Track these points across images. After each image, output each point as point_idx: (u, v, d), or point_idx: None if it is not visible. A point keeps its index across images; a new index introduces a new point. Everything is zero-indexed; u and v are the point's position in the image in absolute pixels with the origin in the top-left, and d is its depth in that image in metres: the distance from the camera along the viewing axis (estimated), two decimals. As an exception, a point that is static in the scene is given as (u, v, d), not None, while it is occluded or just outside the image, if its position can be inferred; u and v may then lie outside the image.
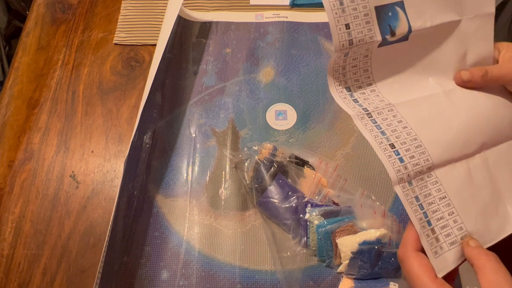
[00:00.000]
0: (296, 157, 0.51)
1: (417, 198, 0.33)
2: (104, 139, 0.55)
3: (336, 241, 0.45)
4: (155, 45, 0.57)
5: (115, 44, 0.62)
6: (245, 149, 0.52)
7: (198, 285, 0.46)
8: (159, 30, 0.57)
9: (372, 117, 0.35)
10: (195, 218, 0.49)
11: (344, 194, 0.49)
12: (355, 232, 0.45)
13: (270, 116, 0.56)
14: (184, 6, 0.64)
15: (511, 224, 0.34)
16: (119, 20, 0.64)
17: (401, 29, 0.36)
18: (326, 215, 0.46)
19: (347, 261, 0.44)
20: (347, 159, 0.53)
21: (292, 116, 0.56)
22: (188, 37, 0.62)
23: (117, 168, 0.53)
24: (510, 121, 0.37)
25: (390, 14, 0.35)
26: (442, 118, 0.36)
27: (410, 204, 0.32)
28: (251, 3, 0.66)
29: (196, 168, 0.52)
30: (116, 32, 0.63)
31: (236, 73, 0.59)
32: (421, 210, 0.32)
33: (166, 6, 0.58)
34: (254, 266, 0.47)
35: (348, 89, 0.36)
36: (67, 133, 0.55)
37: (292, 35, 0.62)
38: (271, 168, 0.49)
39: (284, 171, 0.50)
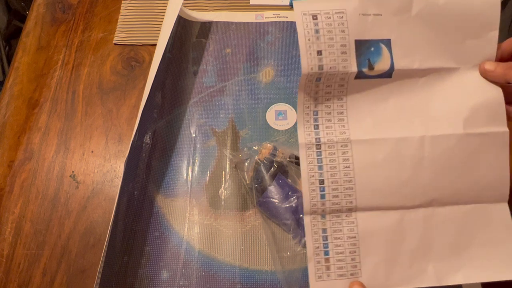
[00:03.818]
0: (296, 157, 0.51)
1: (324, 230, 0.34)
2: (104, 139, 0.55)
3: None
4: (155, 45, 0.57)
5: (115, 44, 0.62)
6: (245, 149, 0.52)
7: (198, 285, 0.46)
8: (159, 30, 0.57)
9: (320, 149, 0.35)
10: (195, 218, 0.49)
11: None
12: None
13: (270, 116, 0.56)
14: (184, 6, 0.64)
15: (422, 280, 0.34)
16: (119, 20, 0.64)
17: (381, 65, 0.34)
18: (326, 215, 0.46)
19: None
20: (347, 159, 0.53)
21: (292, 116, 0.56)
22: (188, 37, 0.62)
23: (117, 168, 0.53)
24: (478, 187, 0.35)
25: (372, 49, 0.34)
26: (395, 167, 0.35)
27: (313, 233, 0.34)
28: (251, 3, 0.66)
29: (196, 168, 0.52)
30: (116, 32, 0.63)
31: (236, 73, 0.59)
32: (324, 241, 0.34)
33: (166, 6, 0.58)
34: (254, 266, 0.47)
35: (316, 113, 0.35)
36: (67, 133, 0.55)
37: (292, 35, 0.62)
38: (271, 168, 0.49)
39: (284, 171, 0.50)
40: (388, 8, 0.34)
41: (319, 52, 0.33)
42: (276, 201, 0.48)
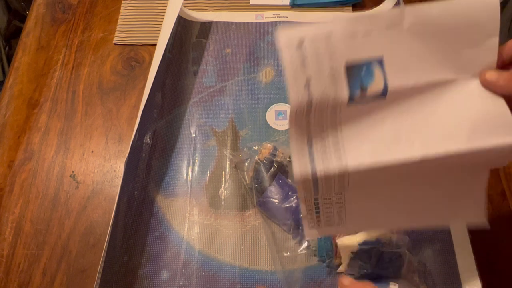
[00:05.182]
0: (296, 157, 0.51)
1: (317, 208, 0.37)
2: (104, 139, 0.55)
3: (336, 241, 0.45)
4: (155, 45, 0.57)
5: (115, 44, 0.62)
6: (245, 149, 0.52)
7: (198, 285, 0.46)
8: (159, 30, 0.56)
9: (316, 183, 0.34)
10: (195, 218, 0.49)
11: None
12: (355, 232, 0.45)
13: (270, 116, 0.56)
14: (184, 6, 0.64)
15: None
16: (119, 20, 0.64)
17: (374, 87, 0.32)
18: (326, 215, 0.46)
19: (347, 261, 0.44)
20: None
21: (292, 116, 0.56)
22: (188, 37, 0.62)
23: (117, 168, 0.53)
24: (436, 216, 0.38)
25: (363, 71, 0.31)
26: (384, 194, 0.36)
27: (308, 210, 0.37)
28: (251, 3, 0.66)
29: (196, 168, 0.52)
30: (116, 32, 0.63)
31: (236, 73, 0.59)
32: (316, 209, 0.37)
33: (166, 6, 0.58)
34: (254, 266, 0.47)
35: (310, 143, 0.33)
36: (67, 133, 0.55)
37: (292, 35, 0.62)
38: (271, 168, 0.49)
39: (284, 171, 0.50)
40: (378, 23, 0.31)
41: (307, 80, 0.31)
42: (276, 201, 0.48)
